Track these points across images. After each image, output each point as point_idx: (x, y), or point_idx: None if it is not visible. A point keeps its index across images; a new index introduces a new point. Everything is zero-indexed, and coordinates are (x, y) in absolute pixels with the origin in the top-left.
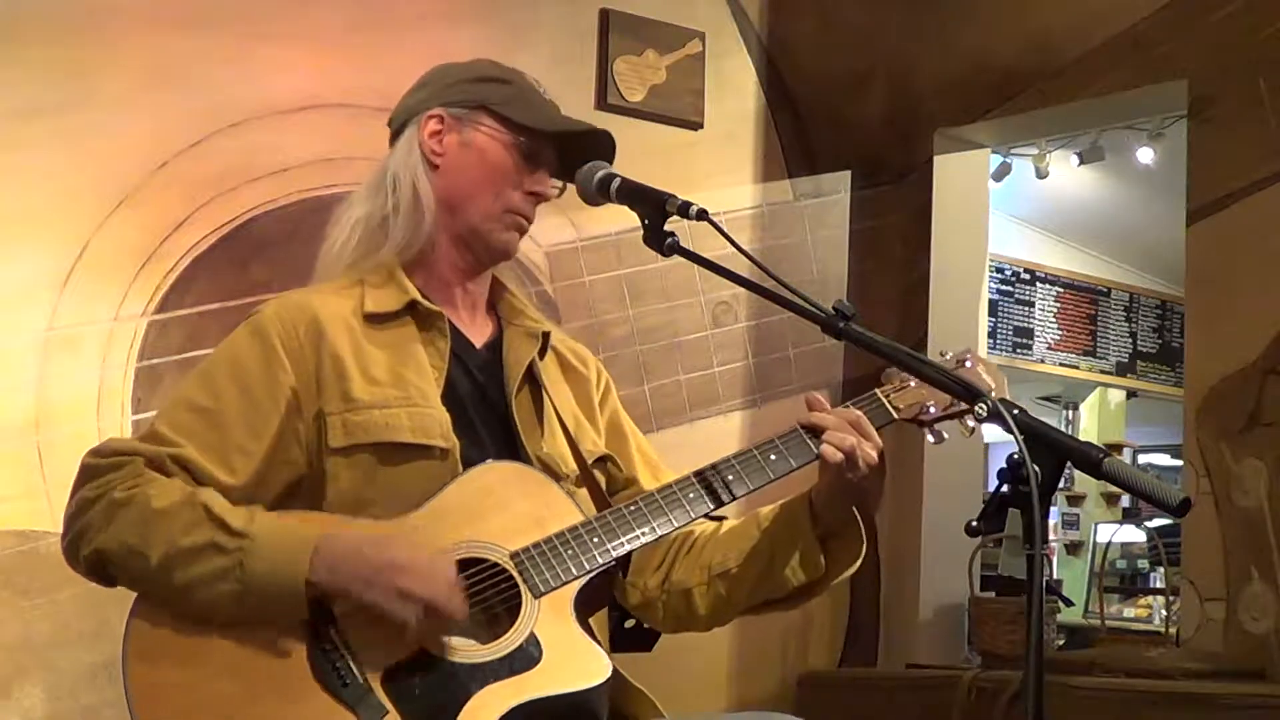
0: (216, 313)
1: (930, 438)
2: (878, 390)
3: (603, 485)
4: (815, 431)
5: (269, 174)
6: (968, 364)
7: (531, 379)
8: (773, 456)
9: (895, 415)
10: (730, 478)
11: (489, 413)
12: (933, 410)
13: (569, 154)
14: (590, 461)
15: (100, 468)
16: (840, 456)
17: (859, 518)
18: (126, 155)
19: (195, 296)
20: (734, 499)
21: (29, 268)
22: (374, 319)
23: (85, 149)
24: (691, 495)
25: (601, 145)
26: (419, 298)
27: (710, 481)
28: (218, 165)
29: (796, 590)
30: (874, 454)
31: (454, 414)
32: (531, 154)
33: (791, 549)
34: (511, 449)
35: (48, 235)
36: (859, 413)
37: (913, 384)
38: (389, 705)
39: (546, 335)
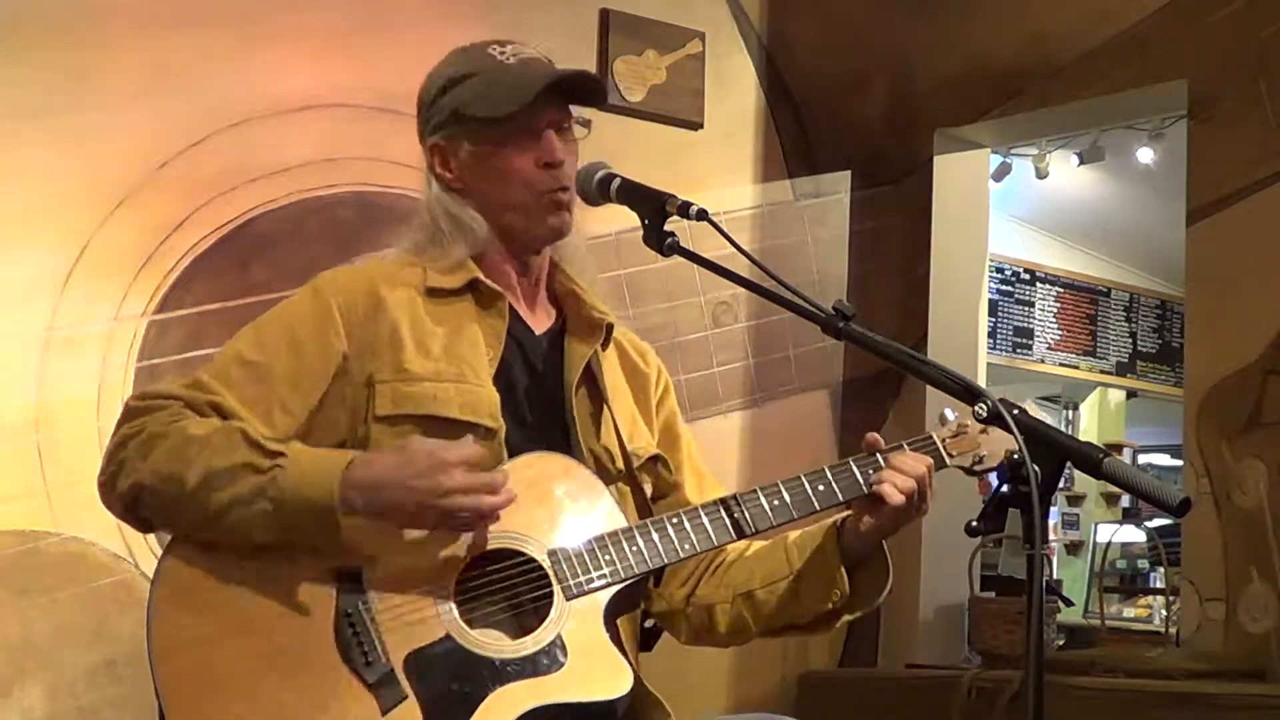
0: (216, 313)
1: (979, 487)
2: (933, 434)
3: (648, 488)
4: (870, 469)
5: (269, 174)
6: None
7: (590, 371)
8: (820, 487)
9: (948, 462)
10: (775, 503)
11: (542, 401)
12: (985, 461)
13: (565, 98)
14: (640, 463)
15: (140, 409)
16: (901, 499)
17: (885, 551)
18: (126, 155)
19: (195, 296)
20: (774, 525)
21: (29, 268)
22: (435, 294)
23: (85, 149)
24: (735, 517)
25: (584, 81)
26: (481, 277)
27: (754, 505)
28: (218, 165)
29: (819, 617)
30: (928, 505)
31: (503, 396)
32: (526, 128)
33: (817, 577)
34: (563, 440)
35: (48, 235)
36: (927, 464)
37: (969, 431)
38: (408, 690)
39: (610, 327)
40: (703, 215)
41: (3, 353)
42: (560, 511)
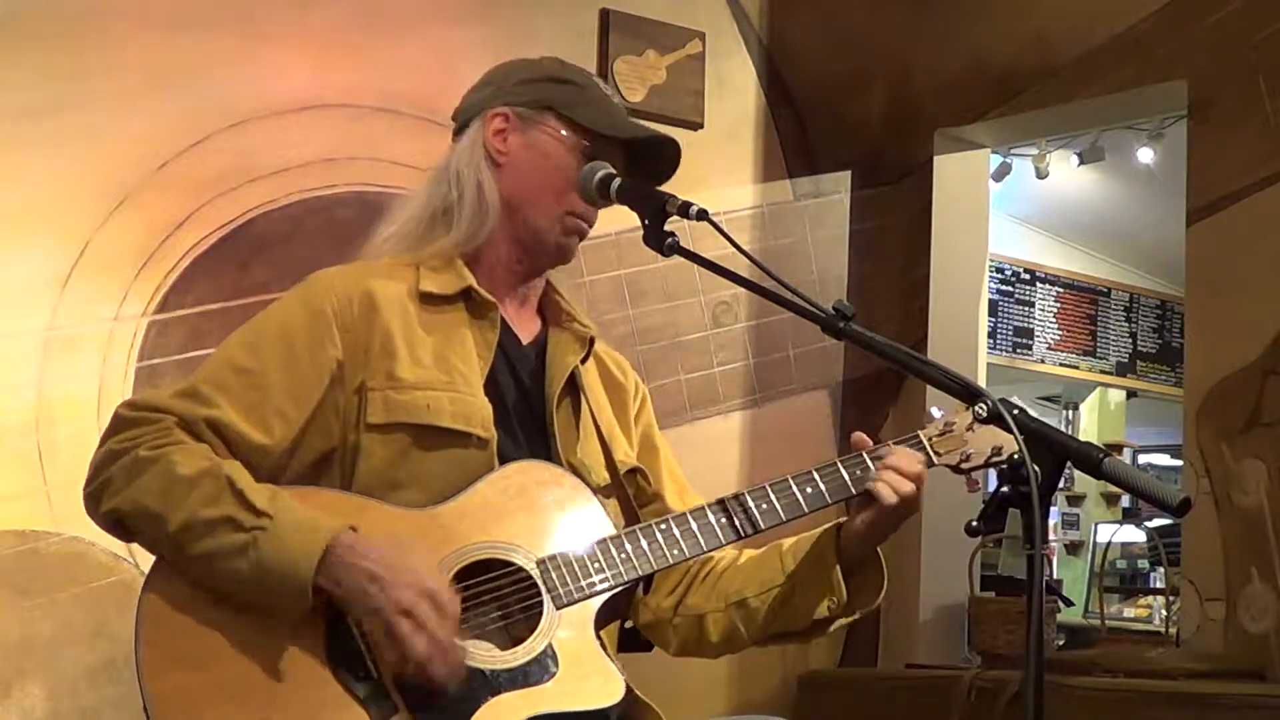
0: (216, 313)
1: (966, 486)
2: (920, 433)
3: (631, 498)
4: (857, 469)
5: (269, 174)
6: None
7: (572, 383)
8: (809, 490)
9: (935, 460)
10: (764, 507)
11: (527, 411)
12: (972, 458)
13: (634, 158)
14: (622, 473)
15: (131, 421)
16: (895, 499)
17: (879, 555)
18: (126, 155)
19: (195, 296)
20: (763, 530)
21: (29, 268)
22: (428, 299)
23: (85, 149)
24: (724, 521)
25: (666, 151)
26: (475, 285)
27: (743, 509)
28: (218, 165)
29: (814, 624)
30: (919, 502)
31: (493, 407)
32: (595, 157)
33: (813, 583)
34: (545, 451)
35: (48, 235)
36: (921, 461)
37: (955, 430)
38: (399, 703)
39: (592, 340)
40: (703, 215)
41: (3, 353)
42: (548, 519)
